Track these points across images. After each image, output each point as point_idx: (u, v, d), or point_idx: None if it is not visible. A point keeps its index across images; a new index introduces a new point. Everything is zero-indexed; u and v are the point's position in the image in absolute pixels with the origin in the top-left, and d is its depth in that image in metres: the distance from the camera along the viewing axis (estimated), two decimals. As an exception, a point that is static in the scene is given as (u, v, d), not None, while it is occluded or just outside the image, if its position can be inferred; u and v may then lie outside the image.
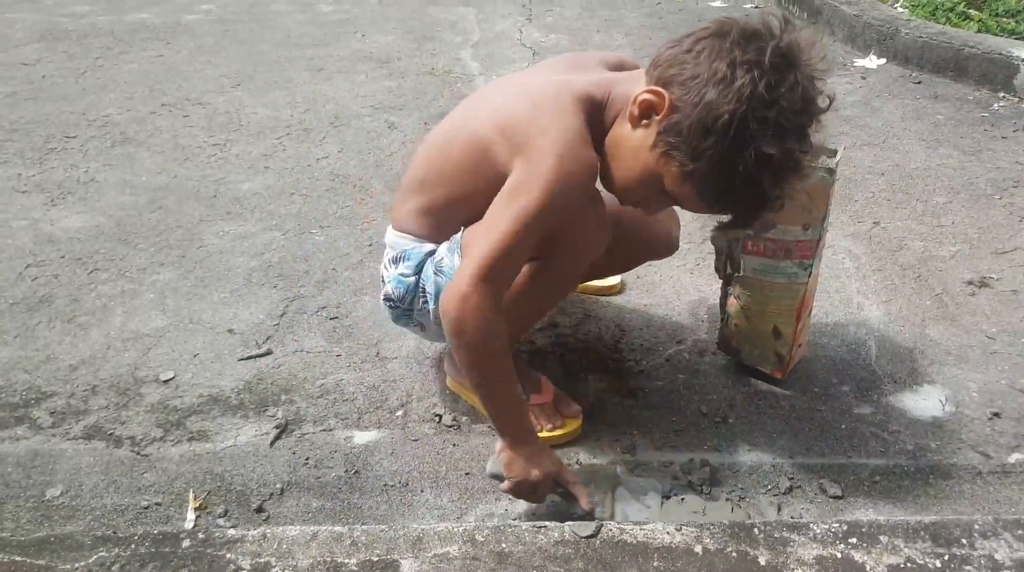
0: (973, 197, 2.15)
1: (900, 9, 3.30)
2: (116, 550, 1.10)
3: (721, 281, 1.48)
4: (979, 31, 2.99)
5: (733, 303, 1.44)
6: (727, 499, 1.27)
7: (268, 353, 1.58)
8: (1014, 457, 1.34)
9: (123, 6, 4.06)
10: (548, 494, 1.22)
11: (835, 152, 1.37)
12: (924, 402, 1.46)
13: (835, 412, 1.44)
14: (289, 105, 2.79)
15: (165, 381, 1.51)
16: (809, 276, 1.38)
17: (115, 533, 1.14)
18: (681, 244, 1.57)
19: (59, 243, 1.96)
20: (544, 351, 1.60)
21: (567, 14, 3.90)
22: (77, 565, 1.08)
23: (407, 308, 1.34)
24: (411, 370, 1.53)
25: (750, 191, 1.06)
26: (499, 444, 1.20)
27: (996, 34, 2.95)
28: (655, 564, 1.07)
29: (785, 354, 1.46)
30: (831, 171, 1.30)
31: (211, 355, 1.58)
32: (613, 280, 1.77)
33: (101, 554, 1.10)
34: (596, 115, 1.17)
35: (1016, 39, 2.88)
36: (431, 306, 1.28)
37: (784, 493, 1.29)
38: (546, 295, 1.33)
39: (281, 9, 4.02)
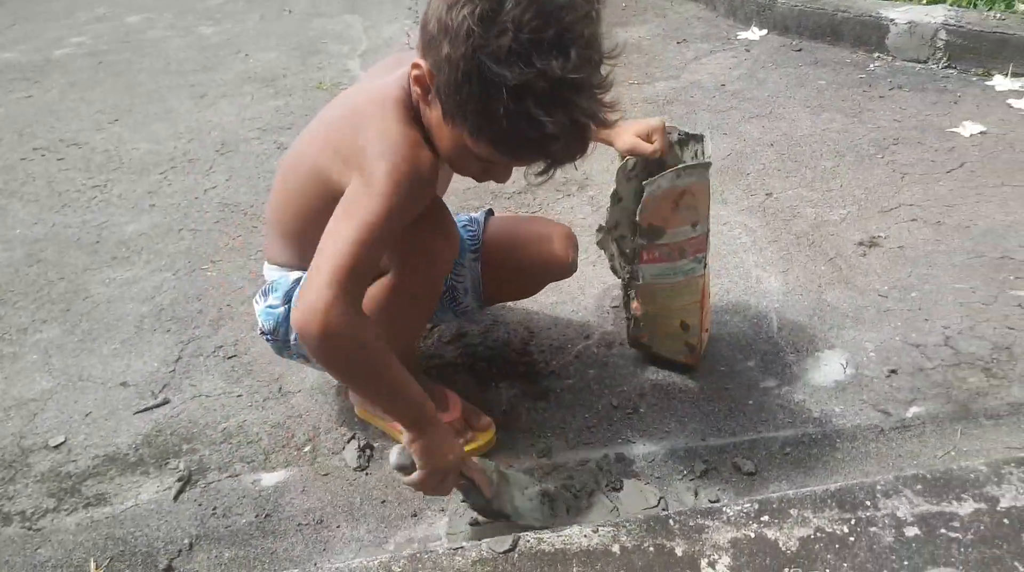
0: (858, 158, 2.23)
1: (775, -20, 3.40)
2: (9, 639, 1.04)
3: (621, 282, 1.48)
4: (850, -5, 3.10)
5: (638, 307, 1.45)
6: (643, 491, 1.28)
7: (165, 402, 1.52)
8: (911, 411, 1.39)
9: (-19, 46, 3.85)
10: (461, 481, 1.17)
11: (701, 138, 1.39)
12: (826, 368, 1.51)
13: (742, 389, 1.47)
14: (172, 136, 2.69)
15: (55, 446, 1.43)
16: (704, 267, 1.41)
17: (7, 621, 1.08)
18: (584, 235, 1.57)
19: (-72, 311, 1.85)
20: (454, 364, 1.58)
21: (454, 13, 3.88)
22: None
23: (283, 340, 1.31)
24: (316, 402, 1.49)
25: (530, 128, 0.96)
26: (406, 436, 1.13)
27: (866, -3, 3.06)
28: (575, 570, 1.07)
29: (695, 343, 1.47)
30: (707, 166, 1.31)
31: (104, 412, 1.51)
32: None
33: (-7, 646, 1.03)
34: (415, 110, 1.11)
35: (885, 0, 2.99)
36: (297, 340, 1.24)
37: (700, 476, 1.31)
38: (409, 311, 1.29)
39: (158, 35, 3.88)
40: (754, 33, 3.19)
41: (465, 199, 2.11)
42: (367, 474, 1.34)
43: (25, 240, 2.12)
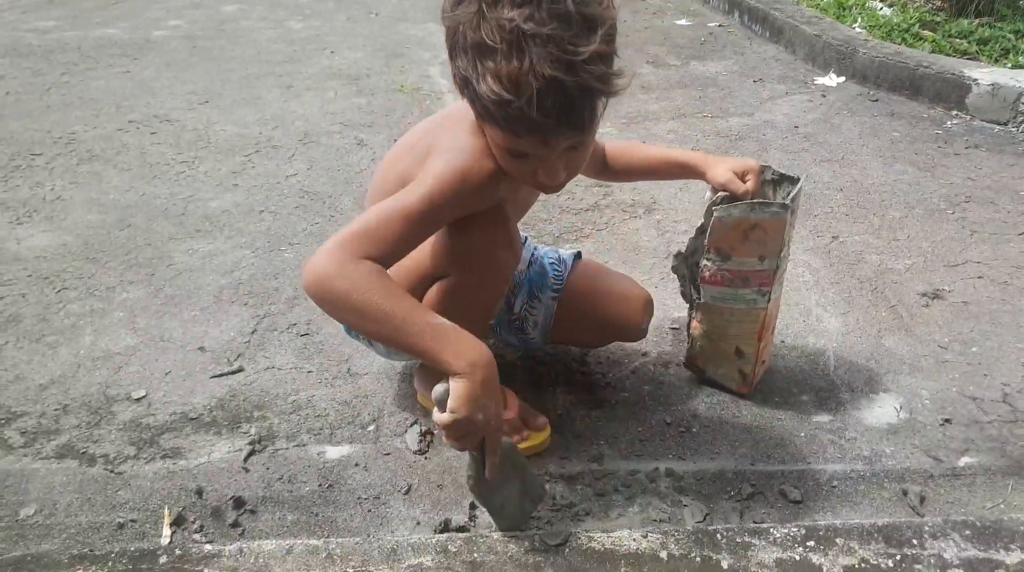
0: (927, 212, 2.25)
1: (858, 29, 3.43)
2: (93, 568, 1.12)
3: (688, 305, 1.54)
4: (932, 51, 3.12)
5: (696, 326, 1.50)
6: (690, 506, 1.33)
7: (240, 370, 1.61)
8: (963, 461, 1.42)
9: (89, 22, 4.07)
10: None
11: (796, 180, 1.44)
12: (880, 409, 1.54)
13: (794, 420, 1.50)
14: (258, 122, 2.83)
15: (137, 399, 1.53)
16: (768, 302, 1.45)
17: (91, 551, 1.16)
18: (647, 258, 1.63)
19: (26, 262, 1.97)
20: (513, 365, 1.65)
21: (535, 31, 3.99)
22: (54, 583, 1.10)
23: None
24: (382, 385, 1.56)
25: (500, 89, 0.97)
26: (452, 375, 1.05)
27: (948, 54, 3.08)
28: (622, 570, 1.12)
29: (749, 372, 1.52)
30: (785, 206, 1.36)
31: (182, 373, 1.60)
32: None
33: None
34: None
35: (968, 59, 3.01)
36: None
37: (746, 499, 1.34)
38: (465, 315, 1.19)
39: (251, 26, 4.05)
40: (831, 79, 3.23)
41: (534, 213, 2.18)
42: (426, 458, 1.40)
43: (117, 205, 2.25)
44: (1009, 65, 2.90)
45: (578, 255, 1.57)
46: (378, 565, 1.13)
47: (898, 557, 1.13)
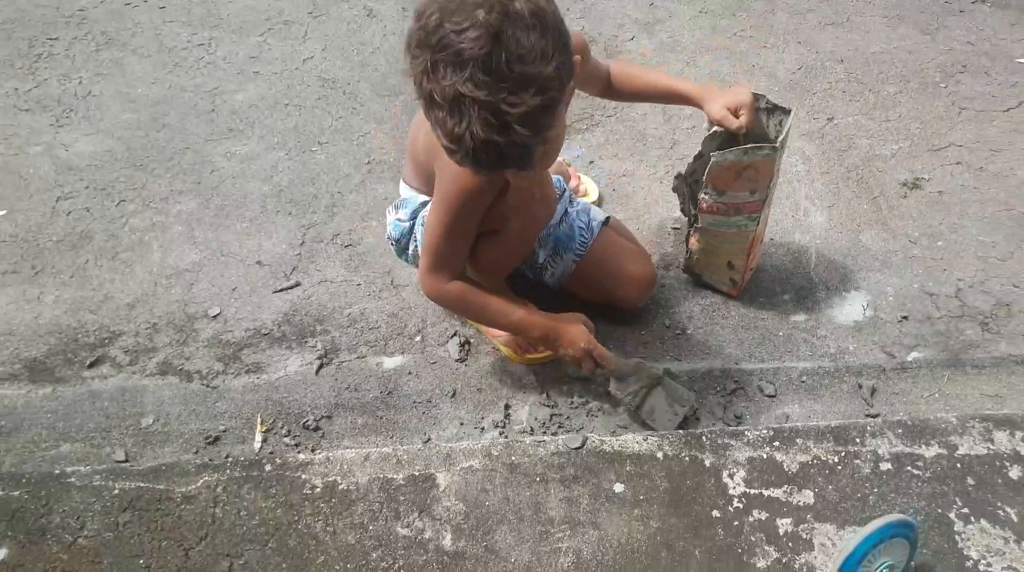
0: (922, 85, 2.35)
1: None
2: (216, 475, 1.45)
3: (687, 219, 1.74)
4: None
5: (694, 243, 1.72)
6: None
7: (297, 285, 1.86)
8: (912, 356, 1.70)
9: None
10: (596, 369, 1.54)
11: (788, 111, 1.58)
12: (849, 307, 1.80)
13: (775, 320, 1.77)
14: (266, -11, 2.82)
15: (214, 316, 1.80)
16: (757, 224, 1.65)
17: (211, 461, 1.49)
18: (653, 149, 1.79)
19: (80, 171, 2.14)
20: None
21: None
22: (190, 488, 1.44)
23: (403, 248, 1.64)
24: (422, 297, 1.81)
25: (445, 144, 1.16)
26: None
27: None
28: (627, 468, 1.44)
29: (738, 279, 1.76)
30: (774, 149, 1.52)
31: (247, 288, 1.85)
32: (593, 194, 2.02)
33: (205, 478, 1.45)
34: None
35: None
36: (420, 249, 1.57)
37: (730, 393, 1.65)
38: (504, 258, 1.61)
39: None
40: (848, -89, 3.12)
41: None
42: (465, 365, 1.70)
43: (147, 101, 2.36)
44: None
45: (607, 221, 1.74)
46: (438, 468, 1.46)
47: (843, 453, 1.46)
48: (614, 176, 2.10)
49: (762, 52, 2.49)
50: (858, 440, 1.48)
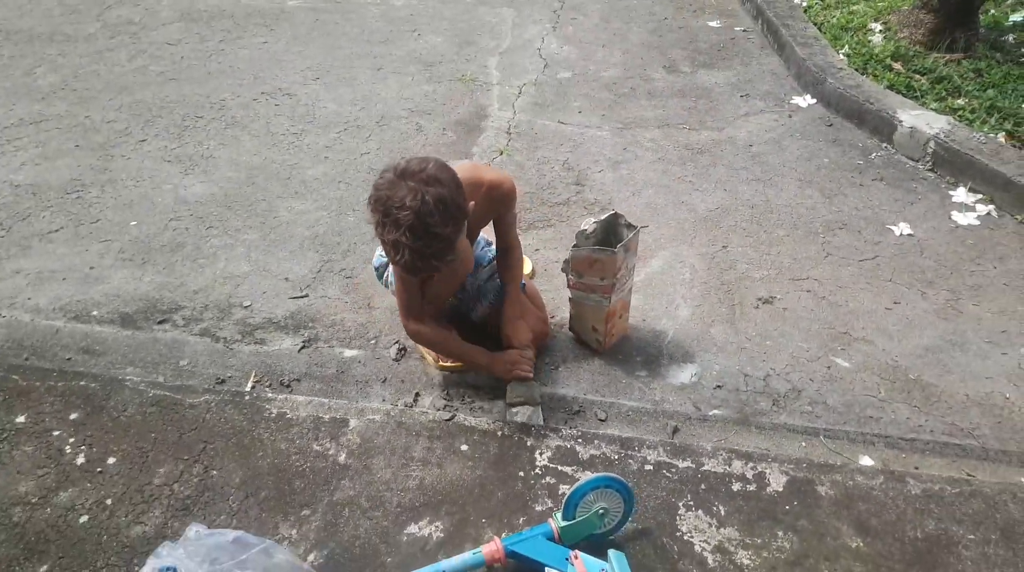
0: (806, 234, 2.91)
1: (842, 56, 3.90)
2: (213, 397, 2.12)
3: (567, 291, 2.36)
4: (890, 85, 3.60)
5: (570, 308, 2.33)
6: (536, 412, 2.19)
7: (305, 296, 2.56)
8: (713, 412, 2.21)
9: (242, -13, 4.97)
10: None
11: (635, 228, 2.20)
12: (682, 374, 2.33)
13: (623, 372, 2.32)
14: (351, 102, 3.69)
15: (245, 307, 2.51)
16: (610, 303, 2.24)
17: (214, 387, 2.16)
18: (555, 252, 2.41)
19: (189, 205, 2.97)
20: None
21: (586, 24, 4.61)
22: (195, 400, 2.11)
23: (381, 275, 2.31)
24: (385, 317, 2.48)
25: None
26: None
27: (900, 91, 3.55)
28: (475, 437, 2.02)
29: (602, 340, 2.34)
30: (614, 253, 2.12)
31: (273, 294, 2.57)
32: (527, 268, 2.66)
33: (205, 397, 2.12)
34: None
35: (911, 99, 3.49)
36: (391, 279, 2.23)
37: (573, 414, 2.19)
38: (441, 289, 2.20)
39: (363, 1, 4.85)
40: (804, 100, 3.77)
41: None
42: (398, 364, 2.32)
43: (247, 166, 3.21)
44: (934, 109, 3.37)
45: (523, 286, 2.36)
46: (352, 416, 2.07)
47: (623, 454, 1.99)
48: (549, 261, 2.74)
49: (693, 193, 3.12)
50: (636, 448, 2.00)
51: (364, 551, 1.76)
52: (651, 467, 1.96)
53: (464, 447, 2.00)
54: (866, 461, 2.04)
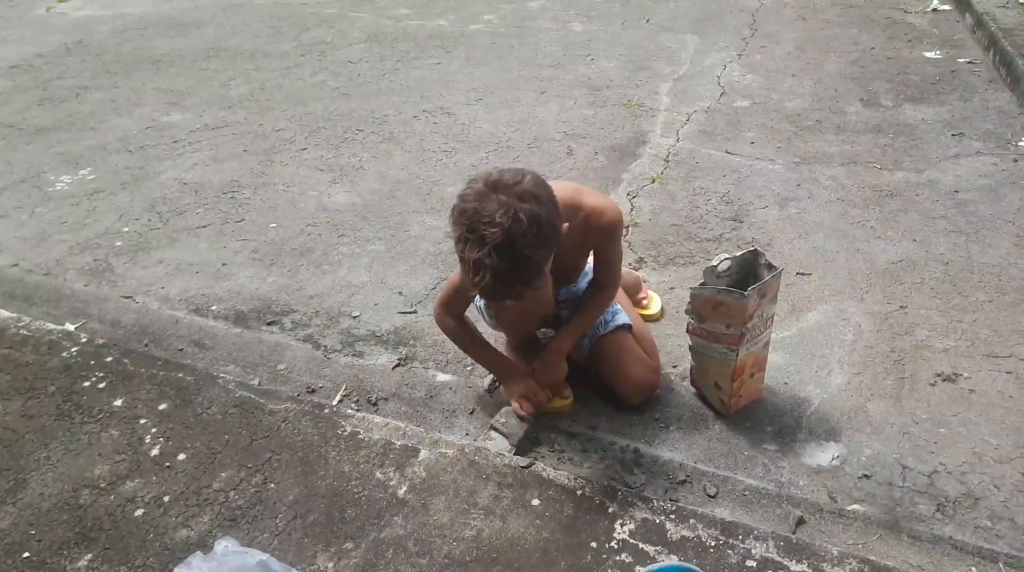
0: (1016, 302, 2.33)
1: (1096, 92, 3.19)
2: (294, 406, 2.04)
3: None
4: None
5: (691, 358, 2.00)
6: (636, 475, 1.88)
7: (414, 312, 2.45)
8: (853, 506, 1.78)
9: (430, 11, 5.12)
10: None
11: (776, 270, 1.84)
12: (820, 454, 1.91)
13: (748, 442, 1.95)
14: (507, 123, 3.60)
15: (354, 317, 2.45)
16: (737, 357, 1.89)
17: (299, 395, 2.09)
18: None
19: (328, 212, 3.00)
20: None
21: (777, 52, 4.20)
22: (275, 408, 2.04)
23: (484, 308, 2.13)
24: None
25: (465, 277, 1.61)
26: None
27: None
28: (550, 492, 1.76)
29: (726, 400, 1.98)
30: (743, 295, 1.78)
31: (384, 306, 2.48)
32: (654, 308, 2.36)
33: (286, 405, 2.05)
34: None
35: None
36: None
37: (677, 484, 1.87)
38: (516, 321, 2.07)
39: (542, 26, 4.80)
40: (1038, 143, 3.12)
41: (662, 236, 2.69)
42: (490, 396, 2.12)
43: (393, 180, 3.20)
44: None
45: (628, 327, 2.08)
46: (425, 446, 1.90)
47: (721, 542, 1.63)
48: (684, 301, 2.41)
49: (873, 241, 2.64)
50: (740, 537, 1.63)
51: (397, 602, 1.56)
52: (754, 563, 1.58)
53: (535, 501, 1.75)
54: (1063, 609, 1.52)
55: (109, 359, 2.19)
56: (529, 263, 1.56)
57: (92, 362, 2.18)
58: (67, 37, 5.08)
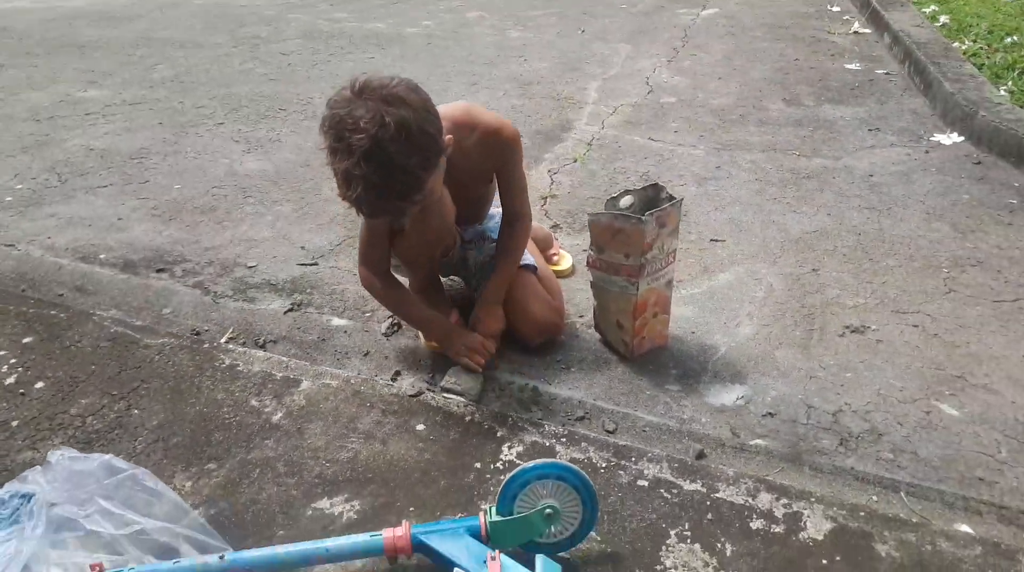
0: (925, 267, 2.34)
1: (1003, 92, 3.32)
2: (171, 341, 1.91)
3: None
4: (1061, 124, 2.98)
5: (593, 299, 1.93)
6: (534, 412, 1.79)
7: (315, 264, 2.34)
8: (755, 441, 1.71)
9: (370, 17, 5.12)
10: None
11: (674, 200, 1.80)
12: (725, 395, 1.84)
13: (650, 382, 1.87)
14: (434, 108, 3.56)
15: (250, 267, 2.32)
16: (638, 291, 1.83)
17: (174, 332, 1.95)
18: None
19: (237, 177, 2.88)
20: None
21: (706, 60, 4.30)
22: (151, 341, 1.90)
23: None
24: (389, 292, 2.19)
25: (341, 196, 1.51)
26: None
27: (1074, 129, 2.93)
28: (437, 418, 1.65)
29: (629, 342, 1.91)
30: (640, 220, 1.73)
31: (283, 258, 2.36)
32: (565, 264, 2.30)
33: (163, 340, 1.91)
34: None
35: (1089, 137, 2.85)
36: None
37: (575, 420, 1.77)
38: (419, 245, 1.87)
39: (480, 32, 4.83)
40: (948, 138, 3.20)
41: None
42: (387, 339, 2.01)
43: (309, 151, 3.11)
44: None
45: (534, 269, 2.01)
46: (307, 378, 1.77)
47: (613, 463, 1.54)
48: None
49: (788, 214, 2.65)
50: (634, 459, 1.55)
51: (256, 518, 1.42)
52: (646, 483, 1.49)
53: (420, 427, 1.64)
54: (963, 528, 1.46)
55: (-29, 291, 2.02)
56: (403, 173, 1.45)
57: (-49, 293, 2.01)
58: (-12, 24, 4.93)
